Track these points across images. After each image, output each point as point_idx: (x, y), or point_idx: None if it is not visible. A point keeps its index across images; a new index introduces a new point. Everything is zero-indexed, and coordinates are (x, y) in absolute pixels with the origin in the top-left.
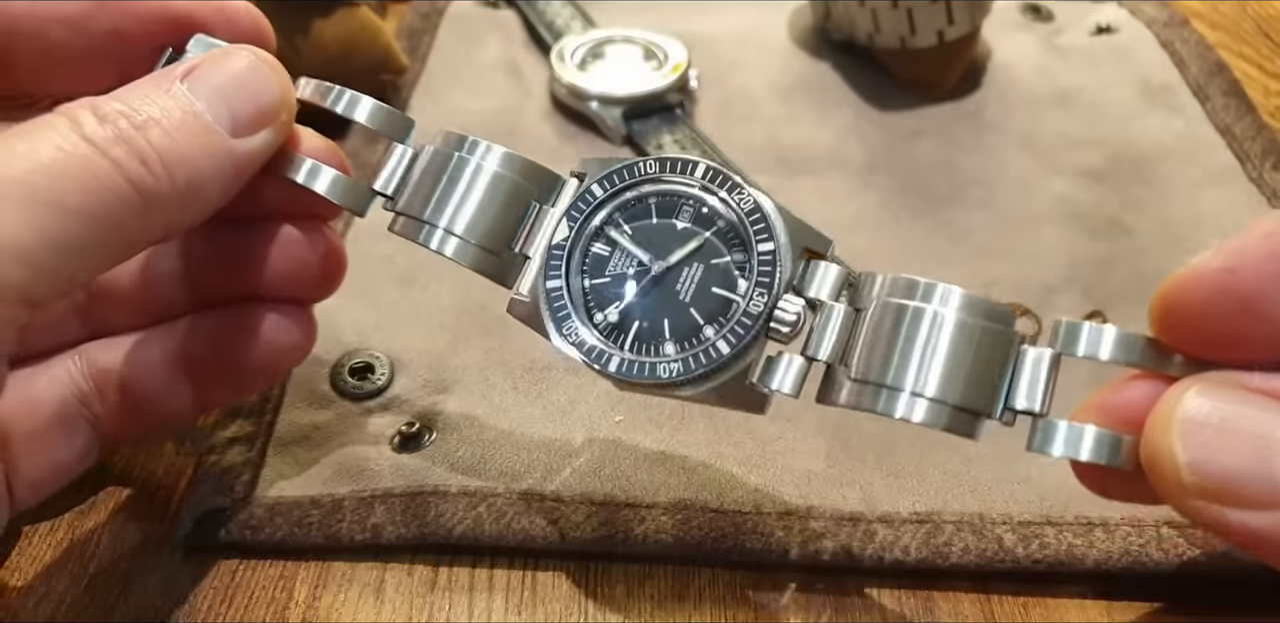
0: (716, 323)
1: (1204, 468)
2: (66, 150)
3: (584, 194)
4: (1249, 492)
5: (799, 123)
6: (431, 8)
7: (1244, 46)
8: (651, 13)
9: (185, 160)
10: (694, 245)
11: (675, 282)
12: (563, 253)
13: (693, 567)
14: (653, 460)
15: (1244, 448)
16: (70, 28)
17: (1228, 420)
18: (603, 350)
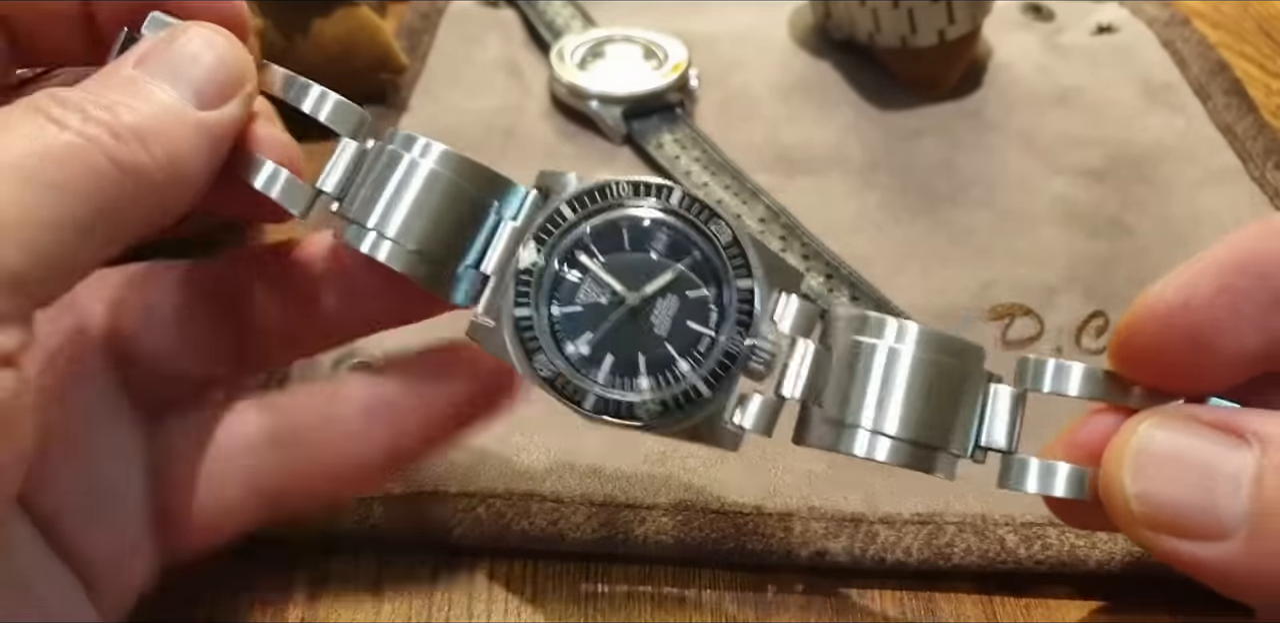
0: (691, 357)
1: (1152, 499)
2: (40, 133)
3: (553, 216)
4: (1194, 523)
5: (799, 122)
6: (431, 7)
7: (1245, 46)
8: (651, 12)
9: (159, 133)
10: (669, 277)
11: (650, 314)
12: (531, 278)
13: (693, 567)
14: (653, 461)
15: (1190, 480)
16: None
17: (1176, 453)
18: (578, 387)
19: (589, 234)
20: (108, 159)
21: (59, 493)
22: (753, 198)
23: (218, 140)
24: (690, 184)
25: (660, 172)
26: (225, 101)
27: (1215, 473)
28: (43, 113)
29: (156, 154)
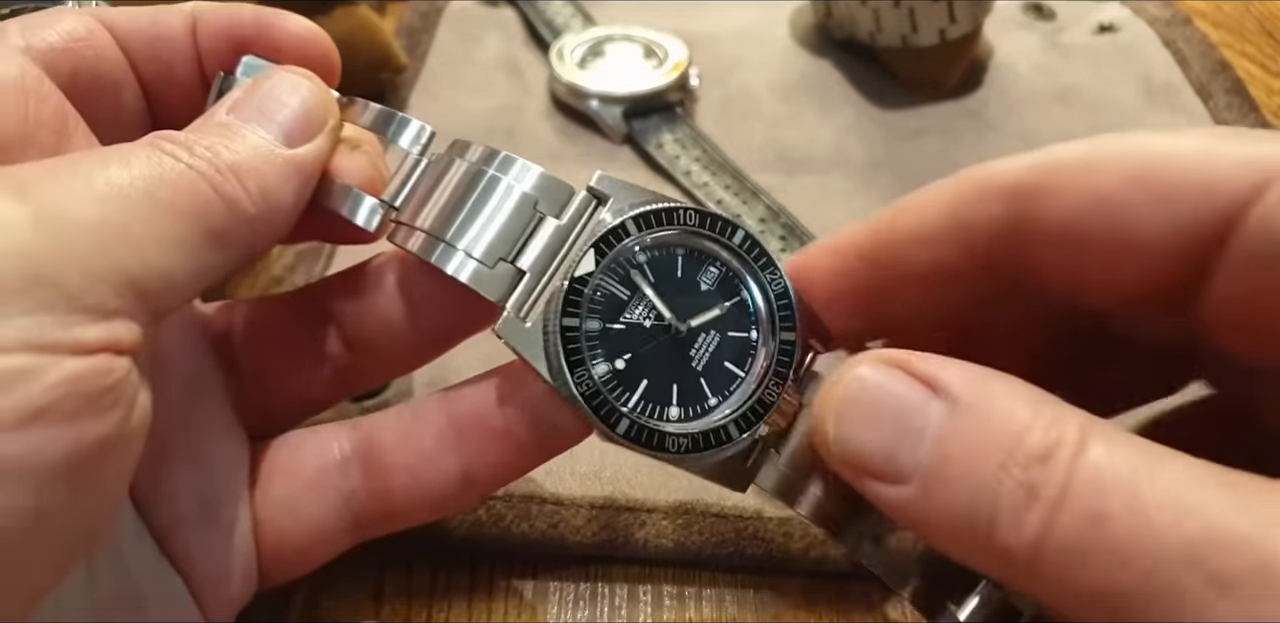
0: (721, 396)
1: (848, 444)
2: (157, 162)
3: (617, 229)
4: (879, 468)
5: (800, 122)
6: (430, 6)
7: (1247, 45)
8: (652, 11)
9: (252, 171)
10: (716, 313)
11: (690, 346)
12: (584, 288)
13: (693, 568)
14: (654, 463)
15: (881, 430)
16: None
17: (876, 401)
18: (614, 408)
19: (648, 254)
20: (211, 188)
21: (177, 503)
22: (753, 198)
23: (305, 174)
24: (690, 184)
25: (660, 171)
26: (310, 139)
27: (906, 423)
28: (157, 148)
29: (250, 189)
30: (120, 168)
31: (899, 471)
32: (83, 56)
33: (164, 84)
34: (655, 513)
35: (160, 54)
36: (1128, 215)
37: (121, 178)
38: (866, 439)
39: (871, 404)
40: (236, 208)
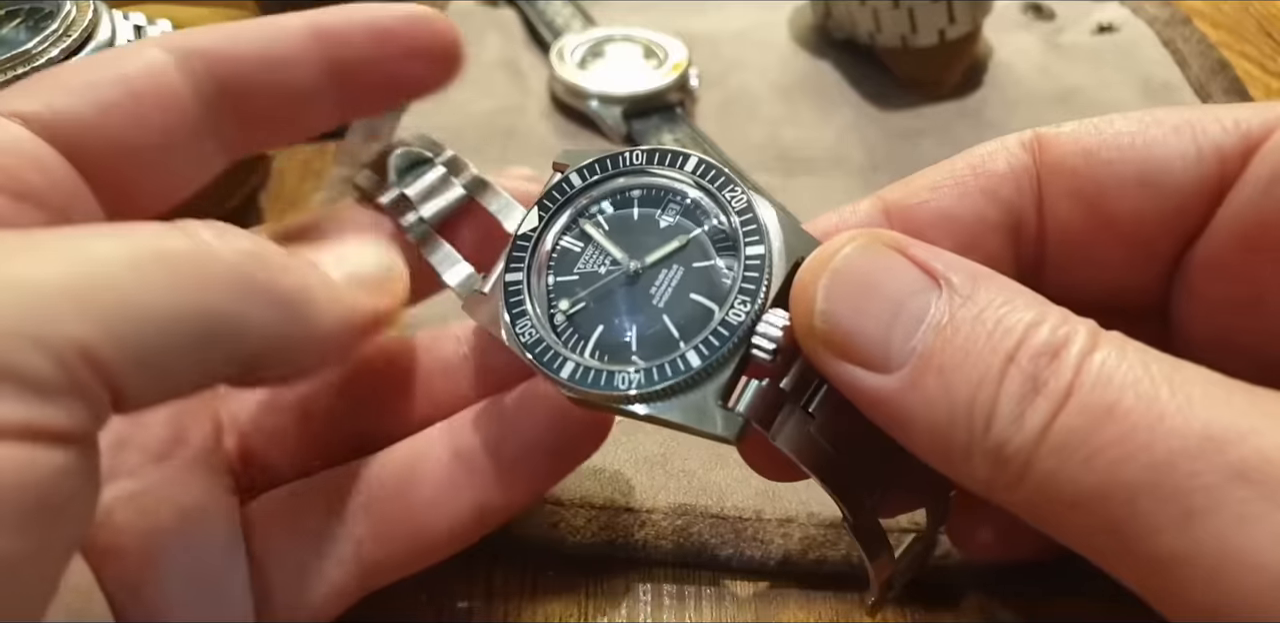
0: (691, 334)
1: (834, 320)
2: (162, 237)
3: (560, 184)
4: (866, 352)
5: (799, 122)
6: (430, 7)
7: (1246, 45)
8: (652, 11)
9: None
10: (675, 245)
11: (650, 284)
12: (528, 244)
13: (693, 568)
14: (653, 463)
15: (875, 310)
16: (297, 71)
17: (871, 281)
18: (557, 353)
19: (594, 201)
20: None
21: (169, 587)
22: None
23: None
24: None
25: None
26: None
27: (900, 310)
28: (176, 227)
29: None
30: (113, 237)
31: (888, 357)
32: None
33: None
34: (655, 514)
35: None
36: (1152, 141)
37: (108, 245)
38: (856, 319)
39: (865, 283)
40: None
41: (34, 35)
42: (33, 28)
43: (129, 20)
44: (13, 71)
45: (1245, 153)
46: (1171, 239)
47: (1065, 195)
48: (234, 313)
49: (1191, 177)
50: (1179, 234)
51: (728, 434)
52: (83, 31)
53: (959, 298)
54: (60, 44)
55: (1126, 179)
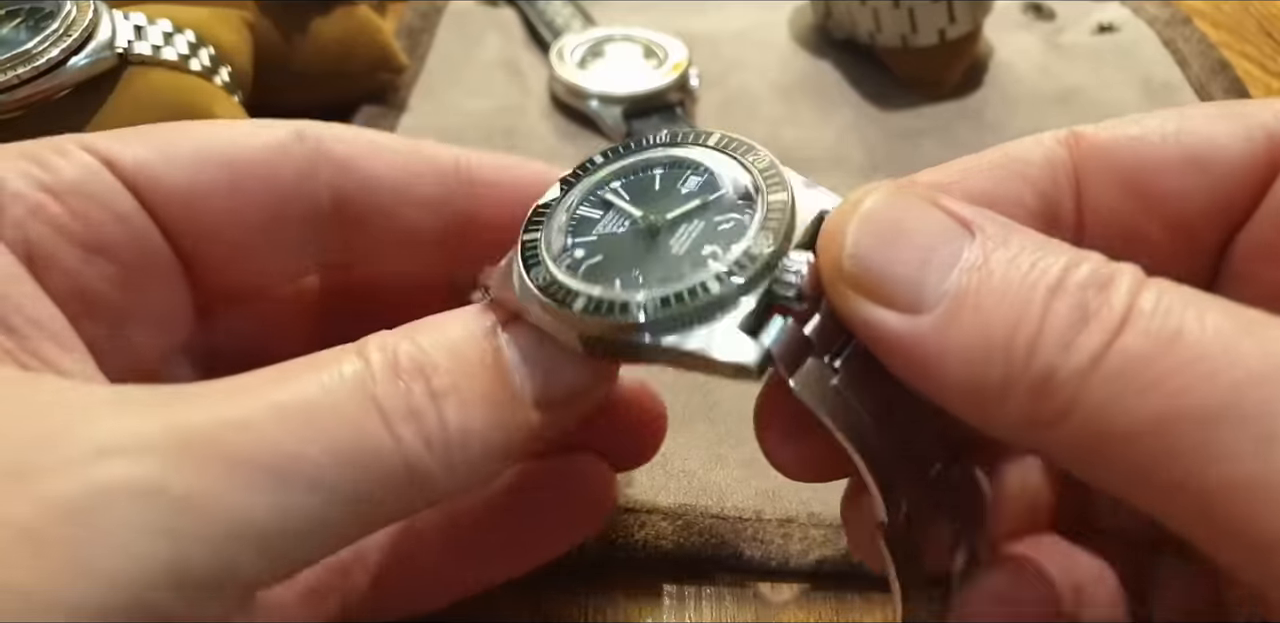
0: (707, 264)
1: (865, 261)
2: (350, 418)
3: (584, 163)
4: (897, 293)
5: (800, 122)
6: (430, 6)
7: (1246, 45)
8: (652, 11)
9: (471, 441)
10: (697, 203)
11: (669, 238)
12: (547, 212)
13: (693, 569)
14: (653, 463)
15: (908, 252)
16: (426, 210)
17: (904, 225)
18: (570, 289)
19: (623, 179)
20: (404, 466)
21: None
22: None
23: (533, 444)
24: None
25: None
26: (571, 405)
27: (934, 253)
28: (367, 382)
29: (456, 463)
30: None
31: (921, 299)
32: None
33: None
34: (655, 514)
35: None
36: (1199, 126)
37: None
38: (887, 261)
39: (897, 227)
40: (422, 483)
41: (34, 35)
42: (33, 27)
43: (129, 20)
44: (12, 71)
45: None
46: (1218, 224)
47: (1106, 182)
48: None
49: (1240, 157)
50: (1226, 218)
51: (749, 361)
52: (83, 31)
53: (992, 243)
54: (60, 44)
55: (1172, 160)
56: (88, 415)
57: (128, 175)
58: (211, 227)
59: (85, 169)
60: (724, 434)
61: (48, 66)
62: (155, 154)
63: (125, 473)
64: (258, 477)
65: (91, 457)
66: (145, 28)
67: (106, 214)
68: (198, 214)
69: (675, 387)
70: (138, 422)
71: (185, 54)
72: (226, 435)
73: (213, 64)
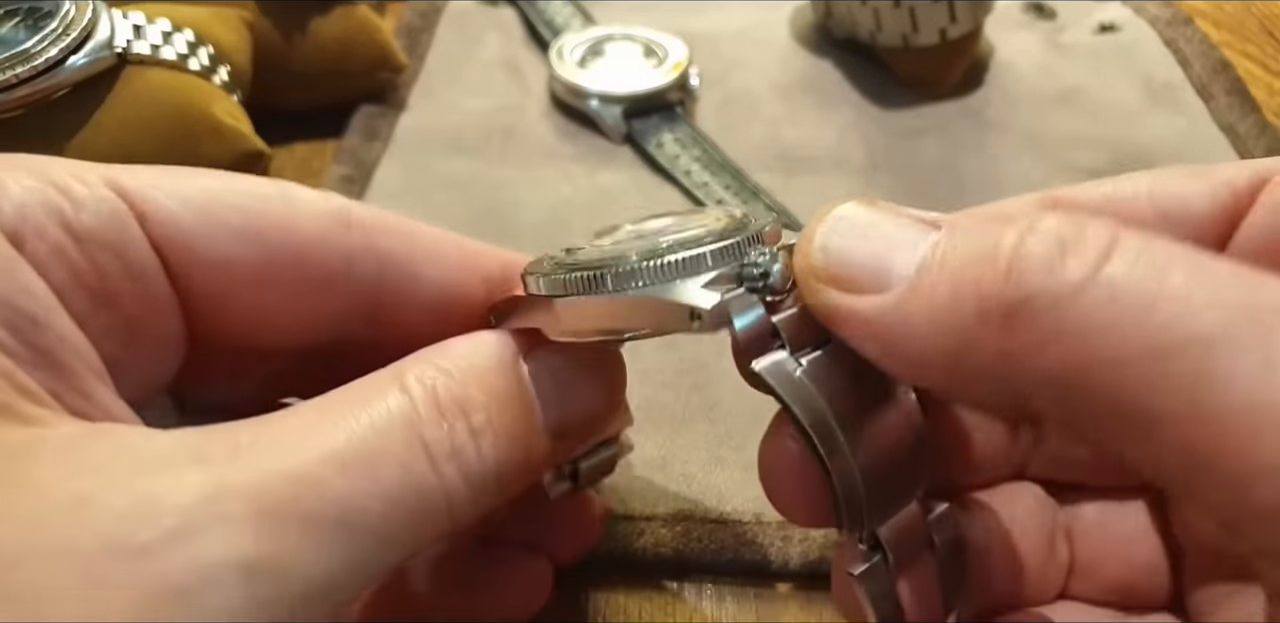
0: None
1: (835, 252)
2: (402, 461)
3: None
4: (862, 276)
5: (800, 121)
6: (430, 6)
7: (1248, 45)
8: (652, 10)
9: (503, 474)
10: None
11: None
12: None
13: (692, 571)
14: (653, 467)
15: (875, 242)
16: (464, 310)
17: (873, 223)
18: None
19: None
20: (446, 505)
21: None
22: (753, 197)
23: (543, 471)
24: (690, 183)
25: (660, 171)
26: (581, 438)
27: (900, 239)
28: (414, 423)
29: (488, 494)
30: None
31: (886, 280)
32: None
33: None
34: (654, 521)
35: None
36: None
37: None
38: (855, 249)
39: (868, 224)
40: (456, 516)
41: (33, 34)
42: (31, 27)
43: (128, 19)
44: (11, 70)
45: (1255, 186)
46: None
47: None
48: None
49: (1206, 208)
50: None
51: (704, 304)
52: (81, 31)
53: (956, 229)
54: (59, 43)
55: (1145, 217)
56: (168, 477)
57: (159, 236)
58: (234, 301)
59: (113, 217)
60: (724, 435)
61: (46, 66)
62: (195, 220)
63: (223, 548)
64: (328, 534)
65: (188, 529)
66: (144, 27)
67: (125, 271)
68: (224, 289)
69: (676, 386)
70: (217, 483)
71: (184, 53)
72: (299, 493)
73: (211, 63)
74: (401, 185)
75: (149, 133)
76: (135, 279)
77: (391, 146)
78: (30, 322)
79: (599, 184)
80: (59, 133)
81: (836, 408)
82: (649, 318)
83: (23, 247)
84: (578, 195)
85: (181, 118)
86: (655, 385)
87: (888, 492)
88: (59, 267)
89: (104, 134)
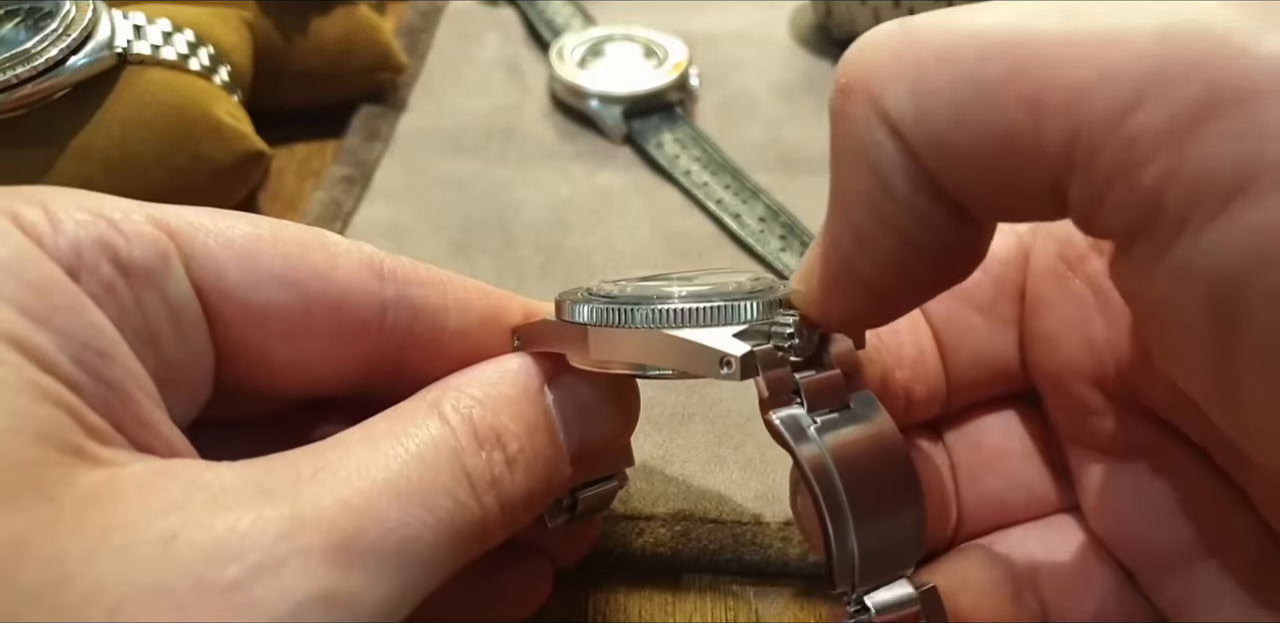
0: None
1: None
2: (449, 492)
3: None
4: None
5: (800, 121)
6: (430, 6)
7: None
8: (652, 11)
9: (533, 503)
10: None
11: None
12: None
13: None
14: (652, 467)
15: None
16: (488, 356)
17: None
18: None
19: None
20: (483, 533)
21: None
22: (753, 197)
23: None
24: (690, 183)
25: (660, 171)
26: (595, 462)
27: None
28: (457, 454)
29: (517, 522)
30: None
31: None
32: None
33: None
34: (654, 521)
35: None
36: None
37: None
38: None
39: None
40: (487, 543)
41: (33, 35)
42: (32, 27)
43: (128, 19)
44: (11, 71)
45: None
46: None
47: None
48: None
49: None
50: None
51: (734, 352)
52: (82, 31)
53: None
54: (59, 43)
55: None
56: (245, 513)
57: (201, 279)
58: (269, 348)
59: (160, 256)
60: (723, 435)
61: (46, 66)
62: (238, 264)
63: (305, 582)
64: (389, 563)
65: (271, 564)
66: (144, 27)
67: (166, 311)
68: (260, 335)
69: (676, 386)
70: (290, 517)
71: (184, 53)
72: (363, 526)
73: (212, 63)
74: (402, 185)
75: (149, 133)
76: (174, 319)
77: (392, 146)
78: (97, 355)
79: (599, 184)
80: (59, 133)
81: (843, 469)
82: (680, 358)
83: (78, 282)
84: (577, 195)
85: (182, 118)
86: (656, 386)
87: (882, 564)
88: (110, 303)
89: (104, 134)
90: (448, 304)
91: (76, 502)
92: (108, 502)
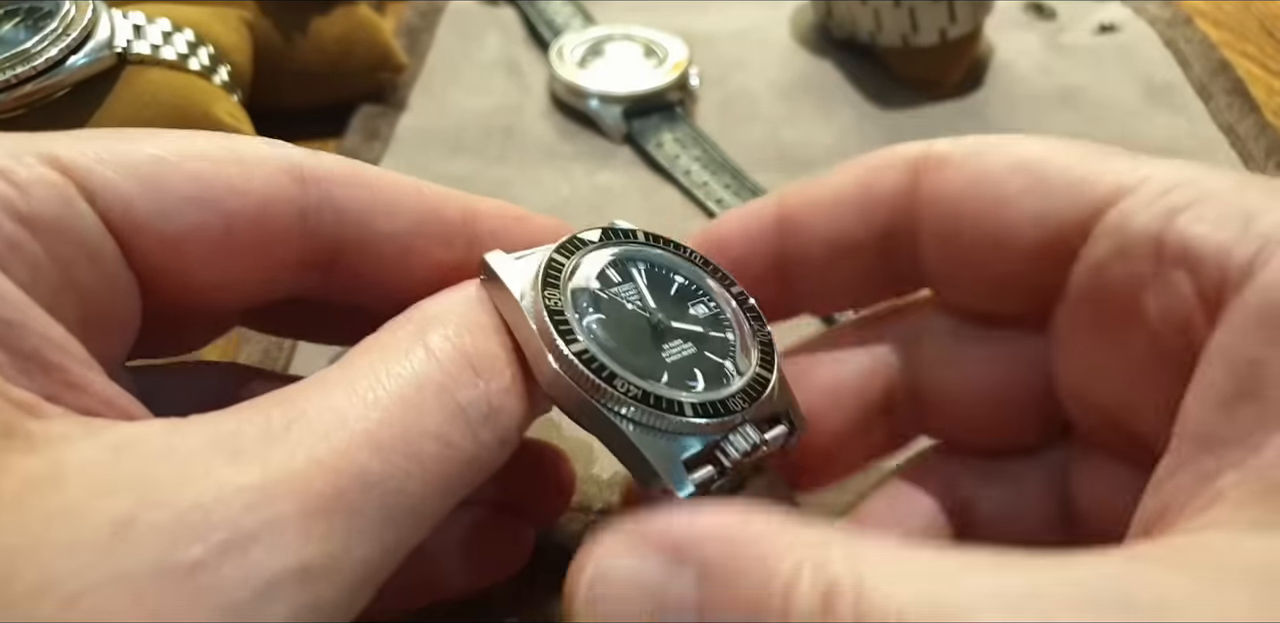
0: (683, 387)
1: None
2: (440, 434)
3: (620, 229)
4: None
5: (800, 121)
6: (430, 6)
7: (1248, 45)
8: (652, 10)
9: (523, 427)
10: (699, 329)
11: (664, 342)
12: (582, 247)
13: None
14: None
15: (639, 605)
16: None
17: (625, 582)
18: (571, 328)
19: (645, 256)
20: (479, 467)
21: None
22: (753, 197)
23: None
24: (690, 183)
25: (660, 171)
26: None
27: (662, 603)
28: (450, 389)
29: (507, 449)
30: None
31: None
32: None
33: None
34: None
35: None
36: (1005, 198)
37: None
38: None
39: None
40: (481, 473)
41: (33, 34)
42: (31, 27)
43: (128, 19)
44: (11, 70)
45: (1085, 223)
46: (1024, 299)
47: (932, 234)
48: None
49: (1036, 242)
50: (1034, 293)
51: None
52: (82, 31)
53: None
54: (59, 43)
55: (984, 238)
56: (209, 483)
57: (110, 214)
58: (191, 270)
59: (62, 201)
60: None
61: (46, 66)
62: (142, 193)
63: (278, 557)
64: (371, 523)
65: (239, 541)
66: (144, 27)
67: (81, 255)
68: (179, 259)
69: None
70: (260, 485)
71: (184, 53)
72: (342, 487)
73: (212, 63)
74: None
75: None
76: (91, 262)
77: (392, 146)
78: (7, 326)
79: (599, 184)
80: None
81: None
82: (616, 448)
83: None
84: (577, 195)
85: (181, 118)
86: None
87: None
88: (18, 263)
89: None
90: (375, 206)
91: (14, 492)
92: (51, 488)
